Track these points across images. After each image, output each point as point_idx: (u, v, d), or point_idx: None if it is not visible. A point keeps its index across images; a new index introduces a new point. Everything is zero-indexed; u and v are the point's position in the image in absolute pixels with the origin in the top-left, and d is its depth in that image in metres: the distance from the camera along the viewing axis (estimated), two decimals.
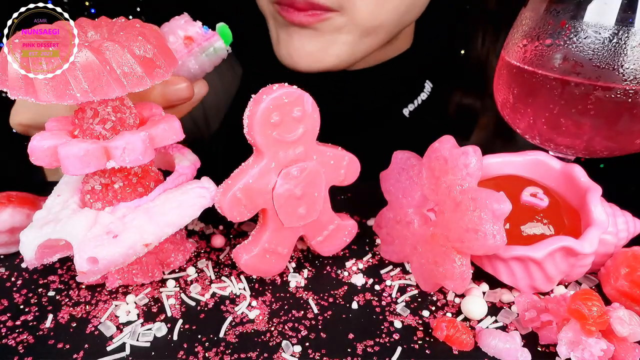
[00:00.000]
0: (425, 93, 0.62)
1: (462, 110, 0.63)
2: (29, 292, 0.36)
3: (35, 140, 0.32)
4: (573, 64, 0.35)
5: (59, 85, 0.28)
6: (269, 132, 0.32)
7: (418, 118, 0.60)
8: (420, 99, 0.61)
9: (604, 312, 0.29)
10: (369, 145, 0.49)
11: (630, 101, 0.34)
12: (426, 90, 0.62)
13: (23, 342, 0.32)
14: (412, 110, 0.60)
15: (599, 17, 0.34)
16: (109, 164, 0.31)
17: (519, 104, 0.39)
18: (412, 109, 0.61)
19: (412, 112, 0.60)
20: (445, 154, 0.34)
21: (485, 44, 0.60)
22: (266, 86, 0.32)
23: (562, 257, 0.33)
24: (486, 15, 0.59)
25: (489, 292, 0.36)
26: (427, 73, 0.63)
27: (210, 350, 0.31)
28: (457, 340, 0.31)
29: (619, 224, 0.37)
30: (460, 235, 0.32)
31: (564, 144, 0.39)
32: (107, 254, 0.30)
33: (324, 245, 0.39)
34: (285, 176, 0.34)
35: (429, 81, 0.63)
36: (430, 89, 0.62)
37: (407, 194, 0.38)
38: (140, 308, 0.35)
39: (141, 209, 0.33)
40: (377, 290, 0.37)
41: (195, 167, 0.38)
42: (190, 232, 0.44)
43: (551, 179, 0.39)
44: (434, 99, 0.62)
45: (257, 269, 0.36)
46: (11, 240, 0.39)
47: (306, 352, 0.31)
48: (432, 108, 0.62)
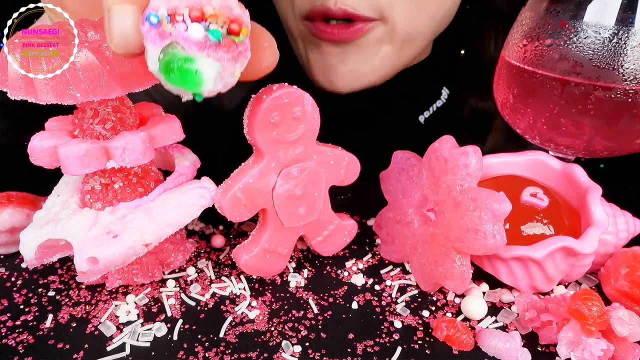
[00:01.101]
0: (441, 100, 0.61)
1: (478, 114, 0.62)
2: (29, 292, 0.36)
3: (35, 140, 0.32)
4: (573, 64, 0.35)
5: (58, 85, 0.28)
6: (269, 132, 0.32)
7: (433, 125, 0.60)
8: (436, 105, 0.61)
9: (604, 312, 0.29)
10: (369, 145, 0.49)
11: (630, 101, 0.34)
12: (442, 97, 0.62)
13: (23, 342, 0.32)
14: (427, 117, 0.60)
15: (599, 17, 0.34)
16: (109, 164, 0.31)
17: (519, 104, 0.39)
18: (428, 115, 0.60)
19: (428, 119, 0.60)
20: (445, 154, 0.34)
21: (497, 45, 0.59)
22: (266, 86, 0.32)
23: (562, 257, 0.33)
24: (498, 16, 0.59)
25: (489, 292, 0.36)
26: (445, 79, 0.63)
27: (210, 350, 0.31)
28: (457, 340, 0.31)
29: (619, 224, 0.37)
30: (460, 235, 0.32)
31: (564, 144, 0.39)
32: (107, 254, 0.30)
33: (324, 245, 0.39)
34: (285, 176, 0.34)
35: (446, 87, 0.63)
36: (447, 96, 0.62)
37: (407, 194, 0.38)
38: (140, 308, 0.35)
39: (141, 209, 0.33)
40: (377, 290, 0.37)
41: (195, 167, 0.38)
42: (190, 232, 0.44)
43: (551, 179, 0.39)
44: (449, 105, 0.62)
45: (257, 269, 0.36)
46: (11, 240, 0.39)
47: (306, 352, 0.31)
48: (448, 114, 0.61)
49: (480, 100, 0.62)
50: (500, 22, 0.58)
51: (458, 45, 0.64)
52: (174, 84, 0.22)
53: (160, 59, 0.22)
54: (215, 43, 0.21)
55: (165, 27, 0.21)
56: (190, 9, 0.21)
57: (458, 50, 0.64)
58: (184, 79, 0.22)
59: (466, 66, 0.64)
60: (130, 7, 0.22)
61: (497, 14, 0.58)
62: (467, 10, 0.62)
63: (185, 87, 0.22)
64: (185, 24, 0.21)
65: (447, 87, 0.62)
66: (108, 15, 0.22)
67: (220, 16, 0.21)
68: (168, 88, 0.22)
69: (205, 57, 0.21)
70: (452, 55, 0.63)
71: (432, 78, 0.61)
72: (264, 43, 0.25)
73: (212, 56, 0.21)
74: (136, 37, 0.22)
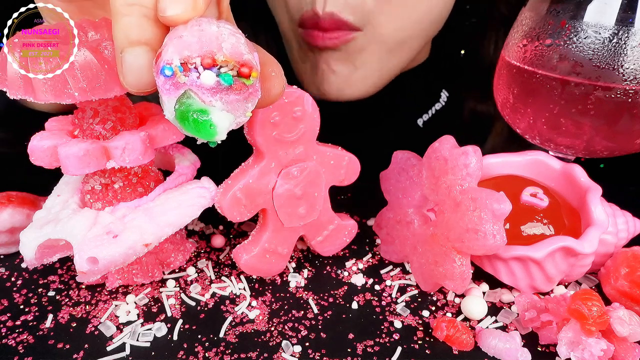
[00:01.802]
0: (440, 103, 0.61)
1: (477, 117, 0.62)
2: (29, 292, 0.36)
3: (35, 140, 0.32)
4: (573, 64, 0.35)
5: (57, 84, 0.28)
6: (269, 132, 0.32)
7: (432, 128, 0.60)
8: (435, 108, 0.61)
9: (604, 312, 0.29)
10: (369, 145, 0.49)
11: (630, 101, 0.34)
12: (442, 100, 0.61)
13: (23, 342, 0.32)
14: (426, 120, 0.60)
15: (599, 17, 0.34)
16: (109, 164, 0.31)
17: (519, 104, 0.39)
18: (427, 118, 0.60)
19: (426, 122, 0.60)
20: (445, 154, 0.34)
21: (497, 47, 0.59)
22: None
23: (562, 257, 0.33)
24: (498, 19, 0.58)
25: (489, 292, 0.36)
26: (444, 82, 0.63)
27: (210, 350, 0.31)
28: (457, 340, 0.31)
29: (619, 224, 0.37)
30: (460, 235, 0.32)
31: (564, 144, 0.39)
32: (107, 254, 0.30)
33: (324, 245, 0.39)
34: (285, 176, 0.34)
35: (445, 90, 0.62)
36: (446, 99, 0.62)
37: (407, 194, 0.38)
38: (140, 308, 0.35)
39: (141, 209, 0.33)
40: (377, 290, 0.37)
41: (195, 167, 0.38)
42: (190, 232, 0.44)
43: (551, 179, 0.39)
44: (448, 108, 0.62)
45: (257, 269, 0.36)
46: (11, 240, 0.39)
47: (306, 352, 0.31)
48: (446, 117, 0.61)
49: (480, 103, 0.62)
50: (501, 25, 0.58)
51: (458, 47, 0.63)
52: (189, 132, 0.23)
53: (176, 109, 0.22)
54: (227, 87, 0.22)
55: (179, 77, 0.21)
56: (202, 57, 0.21)
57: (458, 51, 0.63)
58: (199, 130, 0.23)
59: (466, 67, 0.64)
60: (142, 49, 0.22)
61: (498, 16, 0.58)
62: (467, 11, 0.62)
63: (200, 136, 0.23)
64: (198, 71, 0.21)
65: (446, 89, 0.62)
66: (120, 57, 0.23)
67: (231, 61, 0.22)
68: (184, 133, 0.23)
69: (218, 109, 0.22)
70: (451, 57, 0.63)
71: (431, 80, 0.61)
72: (272, 72, 0.25)
73: (224, 99, 0.22)
74: (149, 77, 0.23)
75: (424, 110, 0.60)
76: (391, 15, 0.45)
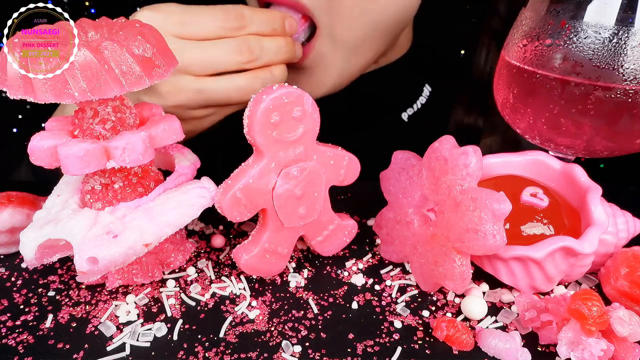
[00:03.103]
0: (424, 97, 0.62)
1: (463, 129, 0.62)
2: (29, 292, 0.36)
3: (35, 140, 0.32)
4: (573, 64, 0.35)
5: (57, 84, 0.28)
6: (269, 132, 0.32)
7: (417, 122, 0.60)
8: (420, 102, 0.61)
9: (604, 312, 0.29)
10: (369, 145, 0.49)
11: (630, 101, 0.34)
12: (424, 94, 0.62)
13: (23, 342, 0.32)
14: (411, 115, 0.60)
15: (599, 17, 0.34)
16: (109, 164, 0.31)
17: (519, 104, 0.39)
18: (411, 113, 0.60)
19: (411, 116, 0.60)
20: (445, 154, 0.34)
21: (488, 62, 0.60)
22: (266, 86, 0.32)
23: (562, 257, 0.33)
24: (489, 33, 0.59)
25: (489, 292, 0.36)
26: (427, 76, 0.63)
27: (210, 350, 0.31)
28: (457, 340, 0.31)
29: (619, 224, 0.37)
30: (460, 235, 0.32)
31: (564, 144, 0.39)
32: (107, 254, 0.30)
33: (324, 245, 0.39)
34: (285, 176, 0.34)
35: (428, 85, 0.63)
36: (429, 93, 0.62)
37: (407, 194, 0.38)
38: (140, 308, 0.35)
39: (141, 209, 0.33)
40: (377, 290, 0.37)
41: (195, 167, 0.38)
42: (190, 232, 0.44)
43: (551, 179, 0.39)
44: (433, 103, 0.62)
45: (257, 269, 0.36)
46: (11, 240, 0.39)
47: (306, 352, 0.31)
48: (431, 113, 0.62)
49: (466, 116, 0.62)
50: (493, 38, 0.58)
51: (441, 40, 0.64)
52: None
53: None
54: None
55: None
56: None
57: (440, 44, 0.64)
58: None
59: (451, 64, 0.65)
60: None
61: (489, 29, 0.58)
62: (466, 11, 0.62)
63: None
64: None
65: (429, 84, 0.63)
66: None
67: None
68: None
69: None
70: (434, 50, 0.63)
71: (414, 73, 0.61)
72: None
73: None
74: None
75: (409, 105, 0.61)
76: (342, 16, 0.46)
